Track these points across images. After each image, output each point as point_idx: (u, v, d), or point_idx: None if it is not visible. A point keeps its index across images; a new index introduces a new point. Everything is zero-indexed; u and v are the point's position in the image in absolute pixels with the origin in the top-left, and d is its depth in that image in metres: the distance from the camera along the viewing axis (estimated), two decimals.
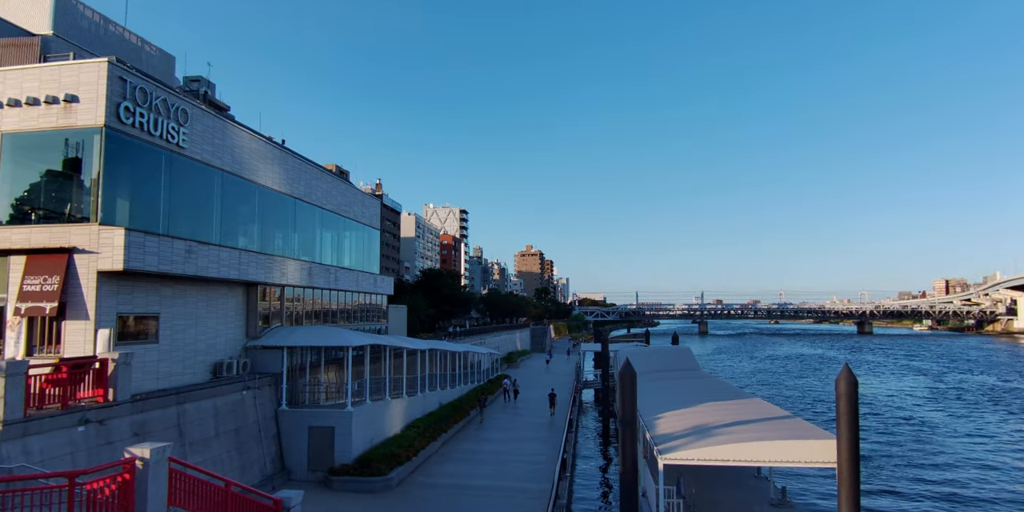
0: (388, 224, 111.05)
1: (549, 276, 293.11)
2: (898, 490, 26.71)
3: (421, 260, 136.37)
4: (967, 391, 60.26)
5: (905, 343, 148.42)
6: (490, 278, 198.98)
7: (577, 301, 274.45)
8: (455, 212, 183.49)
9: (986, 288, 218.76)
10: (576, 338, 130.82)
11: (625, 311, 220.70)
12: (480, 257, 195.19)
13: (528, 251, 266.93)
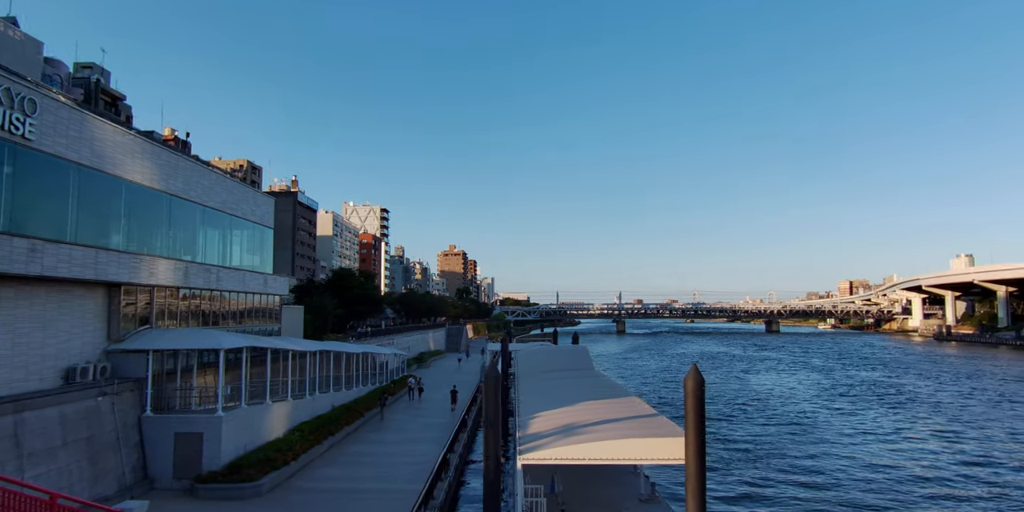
0: (304, 222, 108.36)
1: (472, 276, 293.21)
2: (770, 483, 28.01)
3: (339, 259, 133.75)
4: (854, 387, 63.88)
5: (807, 341, 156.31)
6: (412, 278, 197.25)
7: (499, 301, 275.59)
8: (376, 211, 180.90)
9: (884, 289, 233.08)
10: (494, 337, 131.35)
11: (546, 310, 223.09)
12: (402, 257, 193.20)
13: (451, 251, 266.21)
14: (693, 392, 16.22)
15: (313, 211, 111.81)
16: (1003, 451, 34.01)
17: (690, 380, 16.41)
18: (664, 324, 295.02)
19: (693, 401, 16.16)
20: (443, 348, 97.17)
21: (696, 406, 16.10)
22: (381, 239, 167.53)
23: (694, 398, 16.17)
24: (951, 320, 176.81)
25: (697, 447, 15.98)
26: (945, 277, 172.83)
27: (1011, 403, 51.68)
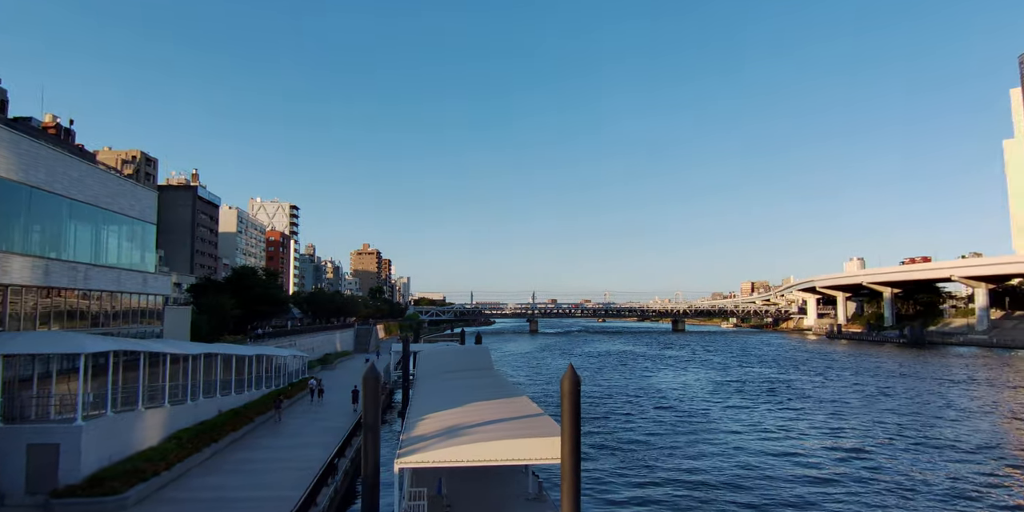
0: (204, 218, 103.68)
1: (387, 275, 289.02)
2: (658, 479, 28.75)
3: (244, 257, 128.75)
4: (748, 383, 66.84)
5: (710, 339, 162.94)
6: (323, 277, 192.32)
7: (413, 301, 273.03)
8: (285, 207, 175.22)
9: (782, 290, 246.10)
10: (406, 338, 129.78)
11: (460, 310, 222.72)
12: (312, 255, 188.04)
13: (365, 249, 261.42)
14: (569, 392, 16.38)
15: (215, 206, 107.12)
16: (874, 444, 36.29)
17: (566, 381, 16.55)
18: (577, 323, 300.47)
19: (569, 401, 16.31)
20: (351, 349, 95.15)
21: (572, 406, 16.25)
22: (290, 237, 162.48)
23: (570, 398, 16.32)
24: (842, 319, 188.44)
25: (572, 446, 16.12)
26: (837, 279, 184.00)
27: (886, 397, 55.33)
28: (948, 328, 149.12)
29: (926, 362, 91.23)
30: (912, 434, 38.45)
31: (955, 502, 24.88)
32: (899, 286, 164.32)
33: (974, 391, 59.23)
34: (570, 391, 16.33)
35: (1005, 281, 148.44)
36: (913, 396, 55.42)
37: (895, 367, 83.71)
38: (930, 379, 69.19)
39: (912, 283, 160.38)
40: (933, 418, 44.23)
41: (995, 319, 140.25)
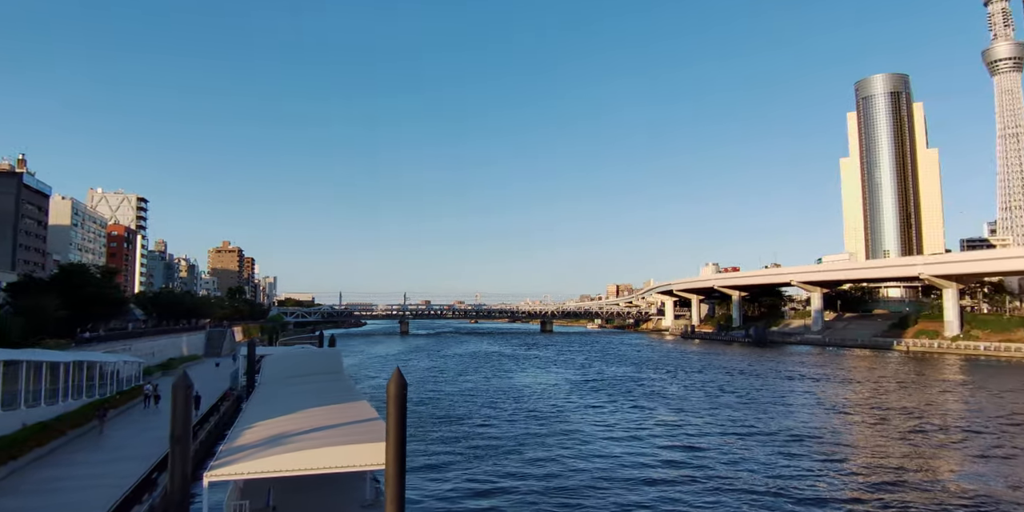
0: (31, 209, 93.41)
1: (249, 274, 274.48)
2: (502, 479, 28.75)
3: (80, 253, 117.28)
4: (602, 382, 69.16)
5: (575, 339, 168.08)
6: (176, 276, 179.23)
7: (278, 301, 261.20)
8: (131, 199, 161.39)
9: (643, 293, 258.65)
10: (265, 341, 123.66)
11: (329, 312, 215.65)
12: (164, 252, 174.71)
13: (225, 247, 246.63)
14: (395, 396, 15.82)
15: (44, 196, 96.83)
16: (712, 439, 38.44)
17: (392, 384, 15.99)
18: (449, 325, 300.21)
19: (394, 406, 15.75)
20: (202, 353, 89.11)
21: (397, 411, 15.70)
22: (136, 232, 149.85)
23: (395, 402, 15.77)
24: (696, 320, 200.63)
25: (397, 452, 15.57)
26: (691, 283, 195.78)
27: (725, 394, 59.11)
28: (788, 328, 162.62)
29: (765, 360, 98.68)
30: (746, 429, 41.14)
31: (780, 494, 26.65)
32: (746, 290, 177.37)
33: (802, 386, 64.59)
34: (395, 395, 15.77)
35: (837, 286, 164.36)
36: (749, 392, 59.58)
37: (737, 365, 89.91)
38: (766, 376, 74.76)
39: (758, 287, 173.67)
40: (764, 412, 47.63)
41: (828, 320, 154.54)
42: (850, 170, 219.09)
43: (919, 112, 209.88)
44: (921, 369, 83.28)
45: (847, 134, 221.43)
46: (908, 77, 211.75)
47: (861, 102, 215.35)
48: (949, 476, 29.28)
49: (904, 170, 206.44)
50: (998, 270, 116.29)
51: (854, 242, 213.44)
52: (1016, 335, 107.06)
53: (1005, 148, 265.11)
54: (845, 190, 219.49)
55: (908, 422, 43.34)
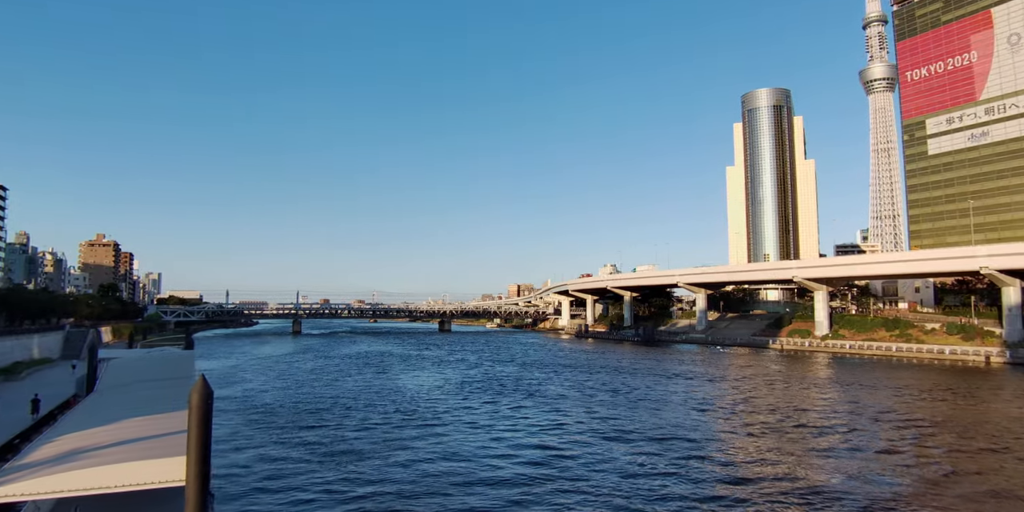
0: None
1: (127, 270, 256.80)
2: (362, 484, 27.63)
3: None
4: (489, 381, 68.88)
5: (471, 339, 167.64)
6: (39, 271, 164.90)
7: (157, 300, 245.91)
8: None
9: (541, 292, 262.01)
10: (138, 341, 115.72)
11: (215, 310, 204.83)
12: (25, 245, 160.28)
13: (99, 241, 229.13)
14: (197, 406, 14.44)
15: None
16: (586, 437, 38.73)
17: (195, 394, 14.60)
18: (347, 324, 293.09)
19: (197, 416, 14.39)
20: (57, 355, 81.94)
21: (200, 422, 14.34)
22: None
23: (198, 413, 14.39)
24: (590, 320, 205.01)
25: (199, 468, 14.21)
26: (586, 283, 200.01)
27: (605, 392, 60.16)
28: (675, 328, 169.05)
29: (649, 358, 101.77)
30: (615, 428, 41.80)
31: (632, 493, 26.92)
32: (637, 290, 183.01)
33: (679, 385, 66.77)
34: (198, 405, 14.40)
35: (720, 288, 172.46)
36: (628, 390, 60.93)
37: (622, 364, 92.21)
38: (647, 374, 76.90)
39: (648, 288, 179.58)
40: (637, 410, 48.72)
41: (712, 320, 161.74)
42: (735, 178, 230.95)
43: (799, 125, 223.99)
44: (791, 366, 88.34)
45: (733, 144, 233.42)
46: (790, 92, 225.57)
47: (747, 114, 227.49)
48: (803, 468, 30.67)
49: (784, 179, 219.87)
50: (862, 274, 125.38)
51: (738, 246, 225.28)
52: (878, 334, 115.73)
53: (878, 162, 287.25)
54: (730, 197, 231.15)
55: (769, 418, 45.46)
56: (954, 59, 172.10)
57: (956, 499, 25.86)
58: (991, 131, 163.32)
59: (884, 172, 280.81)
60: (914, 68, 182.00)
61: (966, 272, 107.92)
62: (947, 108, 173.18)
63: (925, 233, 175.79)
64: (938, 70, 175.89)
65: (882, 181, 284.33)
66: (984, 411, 49.00)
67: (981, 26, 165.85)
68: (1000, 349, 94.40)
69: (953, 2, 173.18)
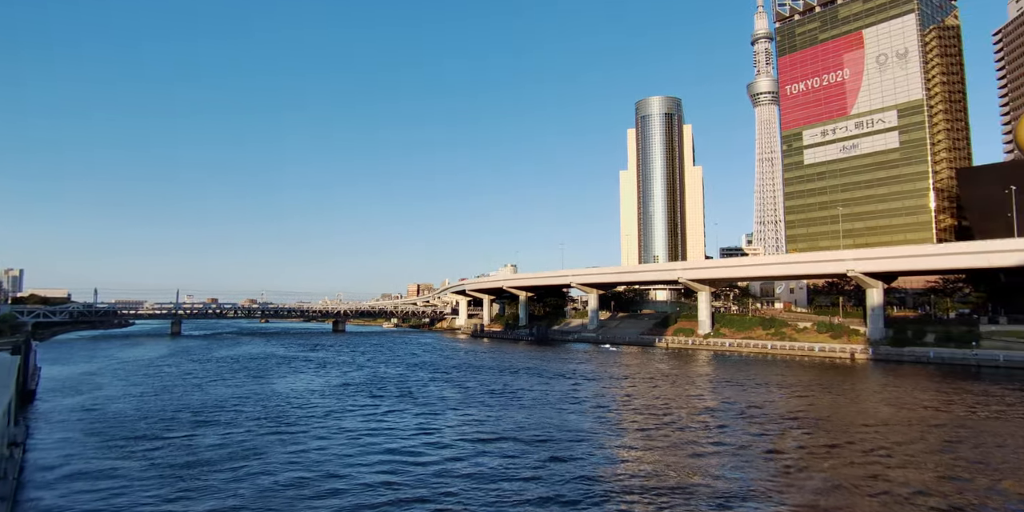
0: None
1: None
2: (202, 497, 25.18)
3: None
4: (371, 384, 66.46)
5: (364, 339, 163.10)
6: None
7: (12, 298, 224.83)
8: None
9: (439, 292, 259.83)
10: None
11: (82, 310, 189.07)
12: None
13: None
14: None
15: None
16: (459, 440, 37.44)
17: None
18: (234, 325, 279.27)
19: None
20: None
21: None
22: None
23: None
24: (487, 320, 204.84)
25: None
26: (483, 283, 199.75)
27: (486, 393, 59.28)
28: (568, 327, 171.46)
29: (540, 358, 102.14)
30: (487, 429, 40.85)
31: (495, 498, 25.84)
32: (533, 290, 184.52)
33: (563, 384, 66.93)
34: None
35: (611, 288, 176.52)
36: (513, 391, 60.37)
37: (512, 363, 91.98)
38: (535, 373, 76.80)
39: (543, 288, 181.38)
40: (511, 410, 48.06)
41: (603, 319, 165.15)
42: (628, 182, 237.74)
43: (688, 133, 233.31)
44: (674, 364, 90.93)
45: (627, 149, 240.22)
46: (681, 101, 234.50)
47: (640, 120, 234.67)
48: (664, 466, 30.68)
49: (674, 184, 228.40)
50: (742, 276, 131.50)
51: (629, 248, 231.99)
52: (755, 333, 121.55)
53: (762, 170, 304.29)
54: (623, 200, 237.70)
55: (644, 416, 45.94)
56: (829, 75, 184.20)
57: (800, 492, 26.48)
58: (860, 144, 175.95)
59: (768, 180, 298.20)
60: (793, 82, 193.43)
61: (835, 274, 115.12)
62: (822, 121, 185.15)
63: (800, 238, 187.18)
64: (815, 85, 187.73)
65: (765, 188, 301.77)
66: (844, 405, 51.71)
67: (854, 46, 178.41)
68: (864, 346, 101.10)
69: (829, 22, 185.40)
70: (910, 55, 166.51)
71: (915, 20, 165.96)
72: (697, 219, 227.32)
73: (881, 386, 65.51)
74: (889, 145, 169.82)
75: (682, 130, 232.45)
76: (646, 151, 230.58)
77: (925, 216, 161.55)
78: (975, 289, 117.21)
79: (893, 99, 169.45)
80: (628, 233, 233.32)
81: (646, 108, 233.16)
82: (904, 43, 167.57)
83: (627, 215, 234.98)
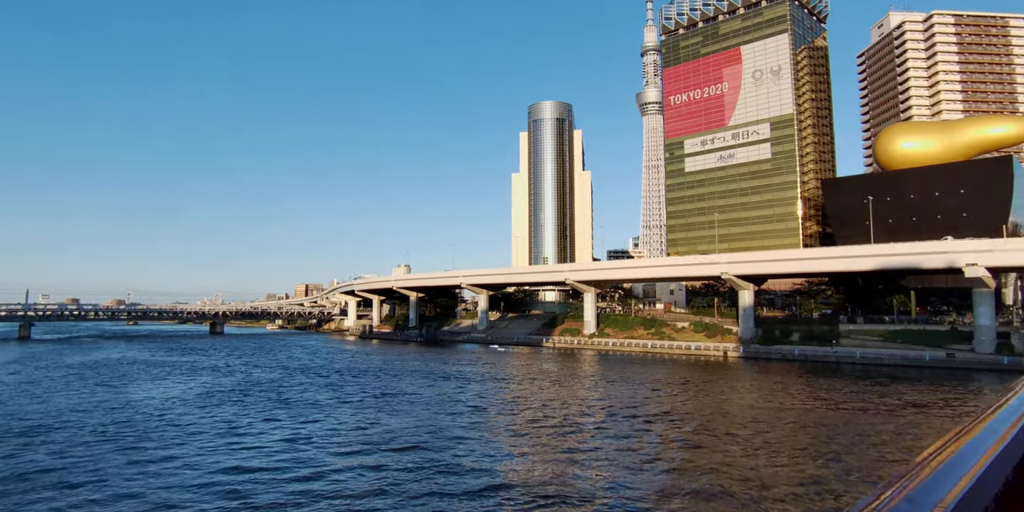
0: None
1: None
2: None
3: None
4: (240, 391, 62.28)
5: (244, 341, 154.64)
6: None
7: None
8: None
9: (327, 292, 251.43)
10: None
11: None
12: None
13: None
14: None
15: None
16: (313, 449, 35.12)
17: None
18: (97, 327, 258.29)
19: None
20: None
21: None
22: None
23: None
24: (376, 321, 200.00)
25: None
26: (373, 283, 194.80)
27: (371, 397, 56.89)
28: (459, 328, 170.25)
29: (429, 359, 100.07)
30: (363, 436, 38.82)
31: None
32: (424, 291, 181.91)
33: (447, 385, 65.48)
34: None
35: (501, 289, 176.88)
36: (396, 394, 58.26)
37: (398, 365, 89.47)
38: (422, 376, 74.80)
39: (434, 288, 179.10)
40: (393, 415, 46.15)
41: (493, 320, 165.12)
42: (520, 184, 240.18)
43: (578, 138, 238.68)
44: (559, 364, 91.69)
45: (520, 152, 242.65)
46: (571, 106, 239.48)
47: (532, 124, 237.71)
48: (536, 470, 29.92)
49: (564, 188, 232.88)
50: (625, 277, 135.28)
51: (520, 249, 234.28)
52: (637, 332, 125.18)
53: (648, 177, 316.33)
54: (515, 202, 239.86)
55: (522, 417, 45.30)
56: (710, 88, 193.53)
57: (676, 491, 26.49)
58: (737, 154, 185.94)
59: (654, 186, 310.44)
60: (677, 93, 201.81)
61: (711, 277, 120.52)
62: (702, 131, 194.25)
63: (681, 241, 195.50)
64: (696, 97, 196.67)
65: (651, 194, 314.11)
66: (716, 403, 53.42)
67: (732, 61, 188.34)
68: (736, 345, 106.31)
69: (711, 38, 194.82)
70: (783, 72, 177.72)
71: (788, 40, 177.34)
72: (585, 222, 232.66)
73: (750, 383, 68.67)
74: (762, 156, 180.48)
75: (572, 135, 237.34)
76: (537, 155, 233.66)
77: (793, 223, 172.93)
78: (837, 291, 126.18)
79: (767, 113, 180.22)
80: (519, 235, 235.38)
81: (538, 112, 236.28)
82: (778, 61, 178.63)
83: (518, 217, 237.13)
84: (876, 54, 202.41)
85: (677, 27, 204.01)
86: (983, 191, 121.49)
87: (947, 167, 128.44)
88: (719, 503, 25.04)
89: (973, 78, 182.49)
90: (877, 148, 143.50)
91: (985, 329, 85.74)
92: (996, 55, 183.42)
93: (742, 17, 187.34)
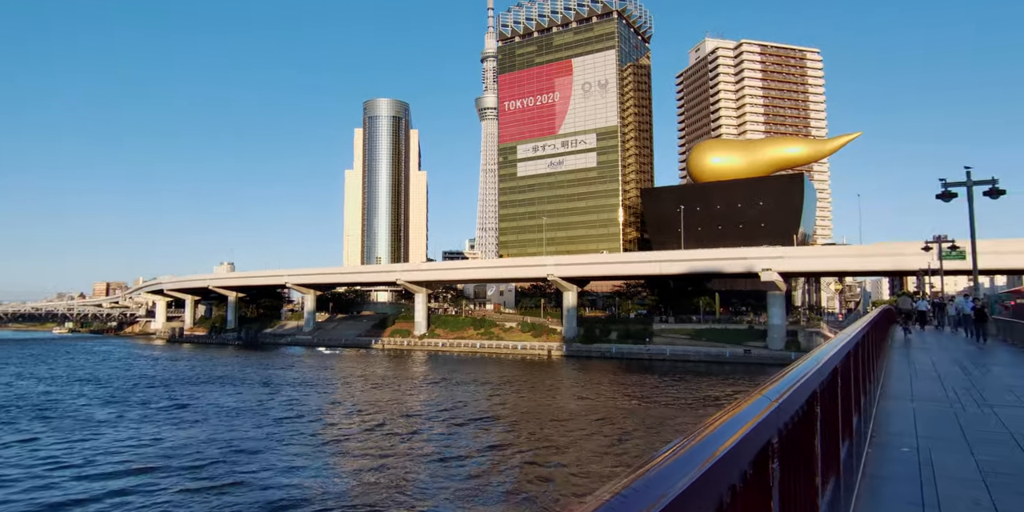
0: None
1: None
2: None
3: None
4: (5, 404, 53.63)
5: (15, 349, 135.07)
6: None
7: None
8: None
9: (131, 292, 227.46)
10: None
11: None
12: None
13: None
14: None
15: None
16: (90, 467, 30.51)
17: None
18: None
19: None
20: None
21: None
22: None
23: None
24: (189, 322, 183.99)
25: None
26: (184, 282, 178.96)
27: (163, 411, 51.21)
28: (283, 330, 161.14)
29: (245, 363, 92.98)
30: (148, 455, 34.38)
31: None
32: (245, 291, 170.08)
33: (258, 391, 60.82)
34: None
35: (330, 289, 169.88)
36: (195, 405, 52.93)
37: (209, 371, 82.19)
38: (233, 383, 69.06)
39: (256, 288, 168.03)
40: (186, 429, 41.65)
41: (321, 321, 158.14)
42: (353, 182, 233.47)
43: (415, 138, 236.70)
44: (387, 366, 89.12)
45: (354, 148, 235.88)
46: (408, 105, 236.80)
47: (368, 120, 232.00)
48: (332, 483, 27.83)
49: (399, 187, 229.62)
50: (456, 278, 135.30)
51: (352, 249, 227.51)
52: (467, 333, 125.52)
53: (485, 180, 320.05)
54: (348, 200, 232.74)
55: (335, 426, 42.75)
56: (543, 96, 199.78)
57: (490, 492, 25.72)
58: (565, 161, 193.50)
59: (490, 189, 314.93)
60: (512, 99, 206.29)
61: (538, 278, 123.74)
62: (534, 137, 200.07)
63: (511, 244, 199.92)
64: (530, 104, 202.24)
65: (487, 197, 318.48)
66: (536, 400, 54.08)
67: (564, 72, 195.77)
68: (560, 344, 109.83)
69: (545, 48, 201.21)
70: (609, 86, 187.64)
71: (615, 56, 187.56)
72: (420, 222, 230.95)
73: (568, 381, 70.79)
74: (589, 164, 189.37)
75: (409, 134, 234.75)
76: (373, 152, 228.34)
77: (615, 228, 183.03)
78: (651, 293, 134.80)
79: (594, 123, 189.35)
80: (351, 233, 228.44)
81: (374, 109, 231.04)
82: (606, 75, 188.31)
83: (351, 215, 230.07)
84: (693, 75, 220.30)
85: (514, 35, 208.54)
86: (779, 204, 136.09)
87: (749, 181, 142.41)
88: (509, 504, 24.63)
89: (774, 102, 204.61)
90: (690, 162, 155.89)
91: (777, 328, 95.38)
92: (794, 83, 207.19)
93: (574, 31, 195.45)
